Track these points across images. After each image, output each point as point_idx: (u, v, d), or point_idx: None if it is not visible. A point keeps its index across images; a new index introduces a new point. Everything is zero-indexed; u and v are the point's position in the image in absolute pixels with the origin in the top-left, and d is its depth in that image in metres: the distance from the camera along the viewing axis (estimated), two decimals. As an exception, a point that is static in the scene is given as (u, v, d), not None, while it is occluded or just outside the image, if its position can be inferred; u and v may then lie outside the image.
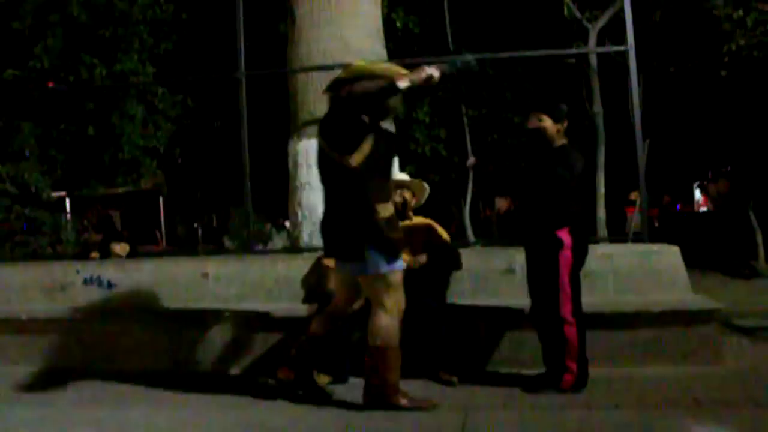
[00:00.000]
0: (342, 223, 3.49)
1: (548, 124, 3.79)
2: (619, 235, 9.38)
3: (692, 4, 8.80)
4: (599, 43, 8.49)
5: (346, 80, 3.52)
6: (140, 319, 4.83)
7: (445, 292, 4.45)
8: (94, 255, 6.93)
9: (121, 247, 6.85)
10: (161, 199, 20.20)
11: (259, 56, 9.12)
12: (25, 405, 3.97)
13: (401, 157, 6.77)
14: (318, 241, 5.20)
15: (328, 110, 3.62)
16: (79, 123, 10.15)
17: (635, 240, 5.34)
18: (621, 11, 5.39)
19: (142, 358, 4.70)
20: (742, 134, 11.45)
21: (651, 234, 5.10)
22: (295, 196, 5.48)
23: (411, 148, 10.78)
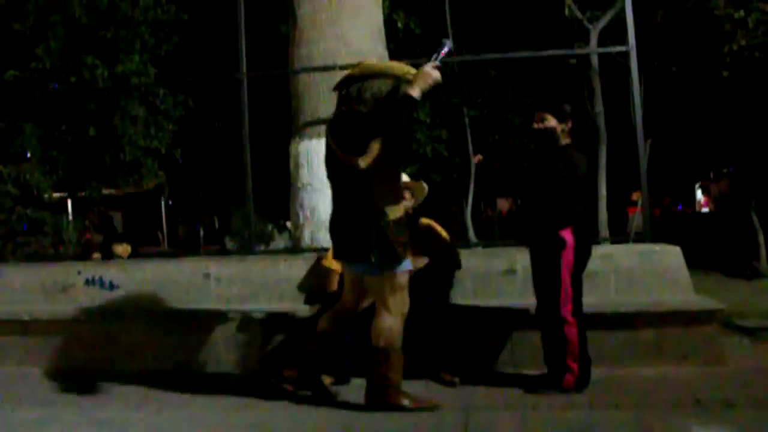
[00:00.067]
0: (351, 225, 3.46)
1: (552, 123, 3.79)
2: (620, 235, 9.36)
3: (693, 5, 8.79)
4: (600, 44, 8.48)
5: (355, 78, 3.50)
6: (142, 319, 4.83)
7: (446, 293, 4.45)
8: (96, 256, 6.94)
9: (122, 248, 6.85)
10: (162, 200, 20.22)
11: (261, 57, 9.12)
12: (26, 406, 3.97)
13: (402, 158, 6.74)
14: (319, 241, 5.23)
15: (339, 111, 3.54)
16: (81, 124, 10.17)
17: (636, 240, 5.34)
18: (622, 11, 5.38)
19: (144, 358, 4.71)
20: (743, 135, 11.45)
21: (652, 234, 5.09)
22: (297, 196, 5.49)
23: (412, 149, 10.78)
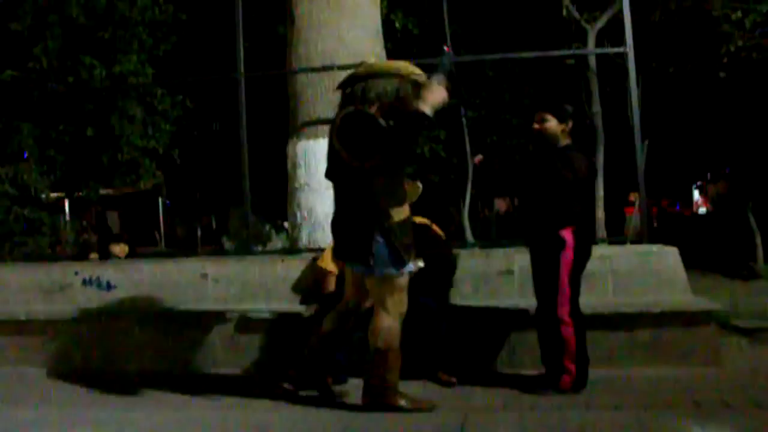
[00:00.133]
0: (353, 225, 3.45)
1: (553, 124, 3.79)
2: (617, 235, 9.38)
3: (691, 6, 8.81)
4: (598, 44, 8.49)
5: (359, 77, 3.49)
6: (139, 319, 4.82)
7: (444, 293, 4.45)
8: (93, 256, 6.93)
9: (120, 248, 6.85)
10: (160, 200, 20.19)
11: (259, 57, 9.13)
12: (24, 406, 3.96)
13: (408, 161, 6.74)
14: (317, 241, 5.23)
15: (346, 111, 3.46)
16: (78, 124, 10.15)
17: (634, 241, 5.34)
18: (620, 12, 5.38)
19: (142, 358, 4.70)
20: (741, 136, 11.48)
21: (650, 235, 5.10)
22: (294, 197, 5.48)
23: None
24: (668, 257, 4.56)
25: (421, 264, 4.12)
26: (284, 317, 4.55)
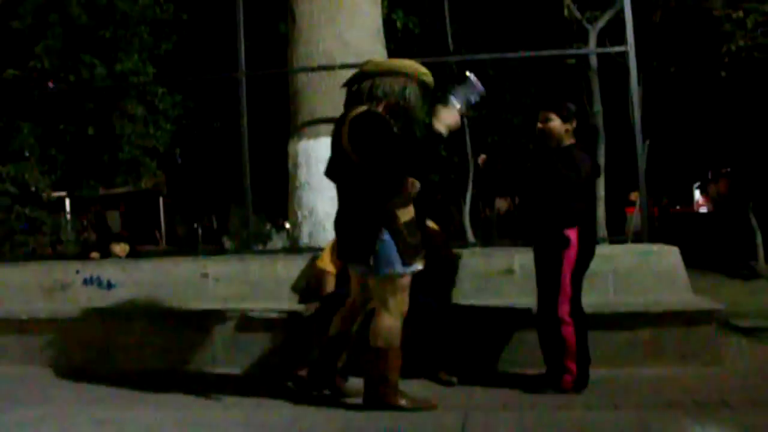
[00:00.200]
0: (357, 226, 3.42)
1: (557, 123, 3.79)
2: (618, 235, 9.38)
3: (692, 5, 8.81)
4: (599, 44, 8.50)
5: (366, 75, 3.47)
6: (140, 319, 4.82)
7: (444, 293, 4.45)
8: (94, 255, 6.92)
9: (120, 247, 6.83)
10: (161, 199, 20.22)
11: (260, 56, 9.13)
12: (25, 404, 3.96)
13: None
14: (318, 241, 5.23)
15: (357, 112, 3.39)
16: (79, 123, 10.17)
17: (635, 240, 5.35)
18: (621, 12, 5.38)
19: (143, 357, 4.70)
20: (742, 135, 11.47)
21: (650, 234, 5.09)
22: (295, 196, 5.48)
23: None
24: (669, 257, 4.56)
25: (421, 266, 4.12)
26: (285, 316, 4.55)
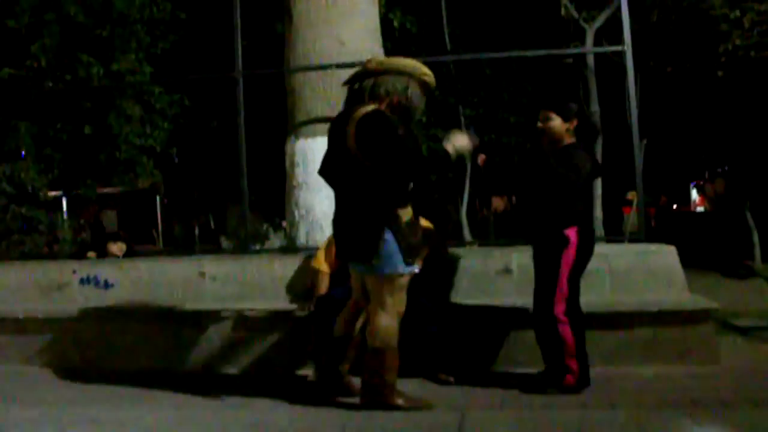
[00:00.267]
0: (356, 225, 3.41)
1: (557, 122, 3.78)
2: (616, 234, 9.40)
3: (689, 5, 8.82)
4: (596, 43, 8.51)
5: (368, 73, 3.47)
6: (137, 318, 4.82)
7: (441, 292, 4.45)
8: (91, 254, 6.90)
9: (118, 247, 6.81)
10: (158, 199, 20.19)
11: (257, 56, 9.12)
12: (21, 404, 3.95)
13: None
14: (315, 240, 5.23)
15: (366, 111, 3.36)
16: (76, 122, 10.15)
17: (632, 240, 5.35)
18: (618, 11, 5.38)
19: (140, 357, 4.70)
20: (739, 134, 11.49)
21: (647, 233, 5.10)
22: (292, 195, 5.48)
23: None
24: (666, 256, 4.56)
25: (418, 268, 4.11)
26: (282, 316, 4.55)
